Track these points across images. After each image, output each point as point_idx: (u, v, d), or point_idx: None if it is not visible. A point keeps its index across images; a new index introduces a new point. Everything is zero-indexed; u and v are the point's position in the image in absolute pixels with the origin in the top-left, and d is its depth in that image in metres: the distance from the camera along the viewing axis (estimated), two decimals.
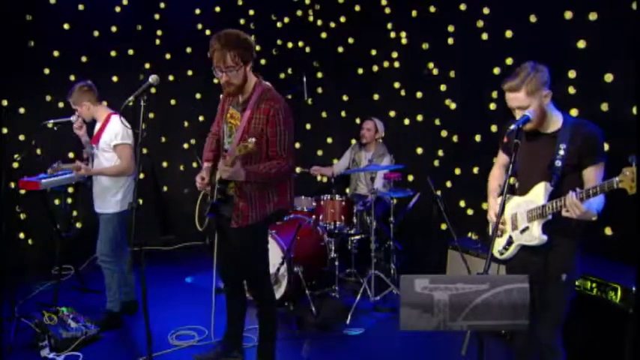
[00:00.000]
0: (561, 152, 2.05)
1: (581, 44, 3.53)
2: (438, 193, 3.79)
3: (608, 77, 3.42)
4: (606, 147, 2.72)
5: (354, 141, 4.94)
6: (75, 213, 4.85)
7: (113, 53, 5.14)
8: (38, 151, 4.65)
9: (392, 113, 4.85)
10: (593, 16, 3.48)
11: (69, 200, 4.73)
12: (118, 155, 3.32)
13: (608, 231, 3.44)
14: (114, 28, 5.11)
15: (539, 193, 2.11)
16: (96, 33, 5.04)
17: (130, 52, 5.21)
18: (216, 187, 2.58)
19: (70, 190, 4.66)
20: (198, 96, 5.35)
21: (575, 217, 1.93)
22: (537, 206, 2.09)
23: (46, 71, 4.91)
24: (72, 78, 4.88)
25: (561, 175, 2.07)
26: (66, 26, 4.93)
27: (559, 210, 1.99)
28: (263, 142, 2.47)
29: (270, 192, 2.57)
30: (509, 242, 2.26)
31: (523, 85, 2.03)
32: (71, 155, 4.69)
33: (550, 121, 2.12)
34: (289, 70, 5.34)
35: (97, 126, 3.43)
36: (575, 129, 2.07)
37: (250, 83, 2.52)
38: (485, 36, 4.12)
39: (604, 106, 3.46)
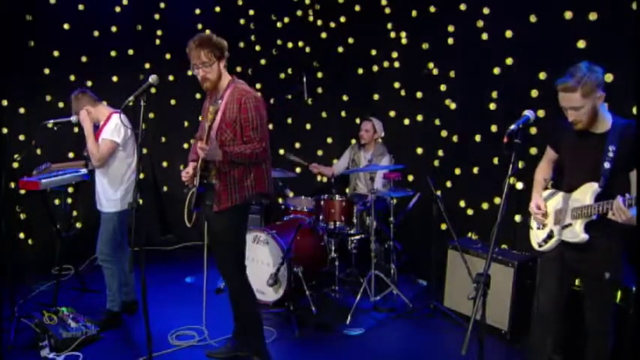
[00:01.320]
0: (610, 154, 2.09)
1: (582, 44, 3.53)
2: (438, 193, 3.79)
3: (608, 77, 3.40)
4: None
5: (353, 141, 4.94)
6: (75, 213, 4.84)
7: (113, 53, 5.14)
8: (38, 151, 4.66)
9: (392, 113, 4.85)
10: (593, 16, 3.47)
11: (69, 200, 4.73)
12: (100, 146, 3.27)
13: None
14: (114, 28, 5.11)
15: (586, 193, 2.14)
16: (96, 33, 5.04)
17: (130, 52, 5.21)
18: (198, 174, 2.72)
19: (70, 189, 4.65)
20: (198, 96, 5.34)
21: (620, 222, 1.97)
22: (583, 205, 2.12)
23: (46, 71, 4.91)
24: (72, 78, 4.89)
25: (609, 176, 2.09)
26: (66, 26, 4.93)
27: (605, 212, 2.03)
28: (237, 129, 2.67)
29: (247, 176, 2.73)
30: (550, 236, 2.30)
31: (579, 87, 2.05)
32: (71, 155, 4.69)
33: (600, 122, 2.16)
34: (289, 70, 5.33)
35: (101, 124, 3.43)
36: (625, 131, 2.10)
37: (225, 80, 2.77)
38: (485, 36, 4.11)
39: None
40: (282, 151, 5.28)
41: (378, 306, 3.81)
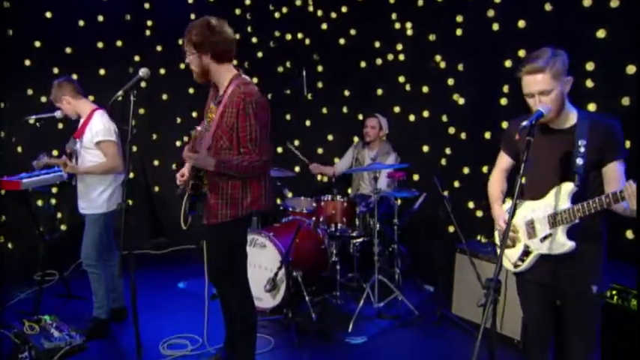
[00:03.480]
0: (581, 149, 1.99)
1: (601, 34, 3.50)
2: (445, 193, 3.78)
3: (631, 69, 3.38)
4: (628, 143, 2.70)
5: (356, 139, 4.94)
6: (59, 214, 4.84)
7: (100, 44, 5.13)
8: (19, 149, 4.64)
9: (396, 109, 4.84)
10: (614, 3, 3.43)
11: (53, 201, 4.73)
12: (103, 153, 3.34)
13: (629, 234, 3.41)
14: (101, 17, 5.09)
15: (560, 195, 2.03)
16: (81, 22, 5.03)
17: (119, 43, 5.20)
18: (190, 183, 2.64)
19: (54, 190, 4.64)
20: (191, 91, 5.34)
21: (626, 213, 1.87)
22: (563, 209, 2.00)
23: (27, 63, 4.89)
24: (55, 71, 4.86)
25: (584, 173, 2.00)
26: (48, 14, 4.92)
27: (592, 213, 1.92)
28: (234, 137, 2.53)
29: (243, 191, 2.59)
30: (526, 252, 2.16)
31: (548, 67, 1.97)
32: (55, 153, 4.68)
33: (566, 115, 2.08)
34: (288, 64, 5.33)
35: (81, 121, 3.44)
36: (594, 124, 2.03)
37: (225, 76, 2.60)
38: (496, 26, 4.11)
39: (625, 101, 3.43)
40: (280, 149, 5.28)
41: (382, 313, 3.81)
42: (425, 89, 4.67)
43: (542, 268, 2.14)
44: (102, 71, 5.12)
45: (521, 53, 3.93)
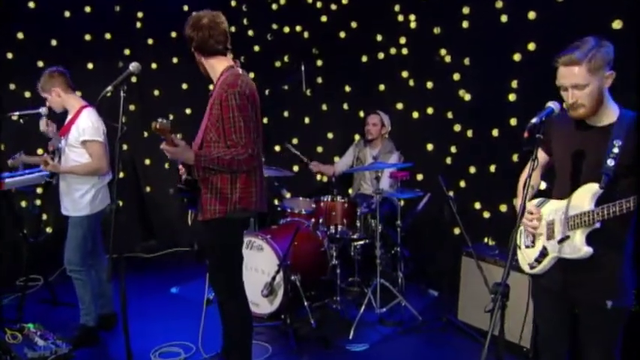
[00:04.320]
0: (615, 150, 1.92)
1: (617, 25, 3.47)
2: (451, 193, 3.78)
3: None
4: None
5: (357, 137, 4.93)
6: (44, 216, 4.82)
7: (88, 37, 5.12)
8: (1, 147, 4.62)
9: (399, 105, 4.84)
10: None
11: (37, 202, 4.71)
12: (88, 152, 3.32)
13: None
14: (88, 9, 5.08)
15: (584, 196, 1.98)
16: (67, 13, 5.02)
17: (107, 36, 5.19)
18: (183, 178, 2.69)
19: (39, 190, 4.63)
20: (184, 86, 5.34)
21: None
22: (582, 212, 1.95)
23: (9, 56, 4.88)
24: (40, 64, 4.84)
25: (612, 176, 1.93)
26: (31, 4, 4.90)
27: (610, 217, 1.87)
28: (221, 130, 2.58)
29: (232, 186, 2.63)
30: (543, 254, 2.14)
31: (585, 60, 1.92)
32: (39, 152, 4.67)
33: (605, 112, 2.01)
34: (285, 58, 5.33)
35: (68, 117, 3.41)
36: (634, 124, 1.95)
37: (217, 70, 2.68)
38: (504, 18, 4.10)
39: None
40: (277, 148, 5.27)
41: (384, 319, 3.81)
42: (429, 85, 4.67)
43: (557, 273, 2.11)
44: (90, 65, 5.11)
45: (531, 46, 3.93)
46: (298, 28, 5.32)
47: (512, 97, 4.10)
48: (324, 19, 5.17)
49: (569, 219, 2.01)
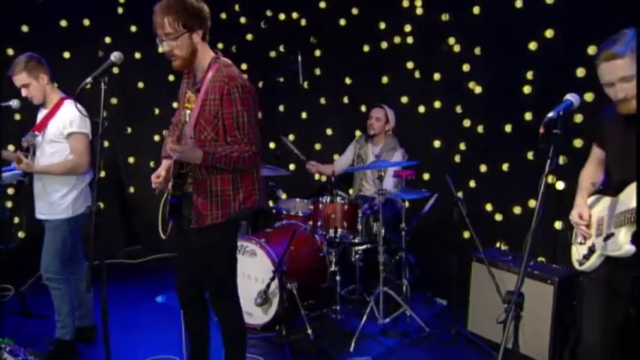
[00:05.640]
0: None
1: None
2: (460, 194, 3.78)
3: None
4: None
5: (358, 133, 4.93)
6: (16, 220, 4.80)
7: (64, 23, 5.11)
8: None
9: (404, 99, 4.85)
10: None
11: (8, 204, 4.69)
12: (71, 147, 3.27)
13: None
14: None
15: (631, 194, 2.08)
16: None
17: (86, 22, 5.19)
18: (171, 183, 2.61)
19: (10, 191, 4.61)
20: (171, 78, 5.32)
21: None
22: (627, 209, 2.06)
23: None
24: (10, 52, 4.81)
25: None
26: None
27: None
28: (220, 127, 2.53)
29: (234, 187, 2.60)
30: (591, 251, 2.25)
31: (628, 51, 1.99)
32: (11, 148, 4.64)
33: None
34: (281, 48, 5.33)
35: (44, 111, 3.36)
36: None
37: (205, 59, 2.58)
38: (519, 3, 4.11)
39: None
40: (272, 145, 5.26)
41: (388, 330, 3.81)
42: (436, 76, 4.67)
43: (609, 271, 2.19)
44: (66, 54, 5.10)
45: (549, 34, 3.93)
46: (295, 15, 5.32)
47: (527, 89, 4.11)
48: (322, 5, 5.18)
49: (616, 216, 2.12)
